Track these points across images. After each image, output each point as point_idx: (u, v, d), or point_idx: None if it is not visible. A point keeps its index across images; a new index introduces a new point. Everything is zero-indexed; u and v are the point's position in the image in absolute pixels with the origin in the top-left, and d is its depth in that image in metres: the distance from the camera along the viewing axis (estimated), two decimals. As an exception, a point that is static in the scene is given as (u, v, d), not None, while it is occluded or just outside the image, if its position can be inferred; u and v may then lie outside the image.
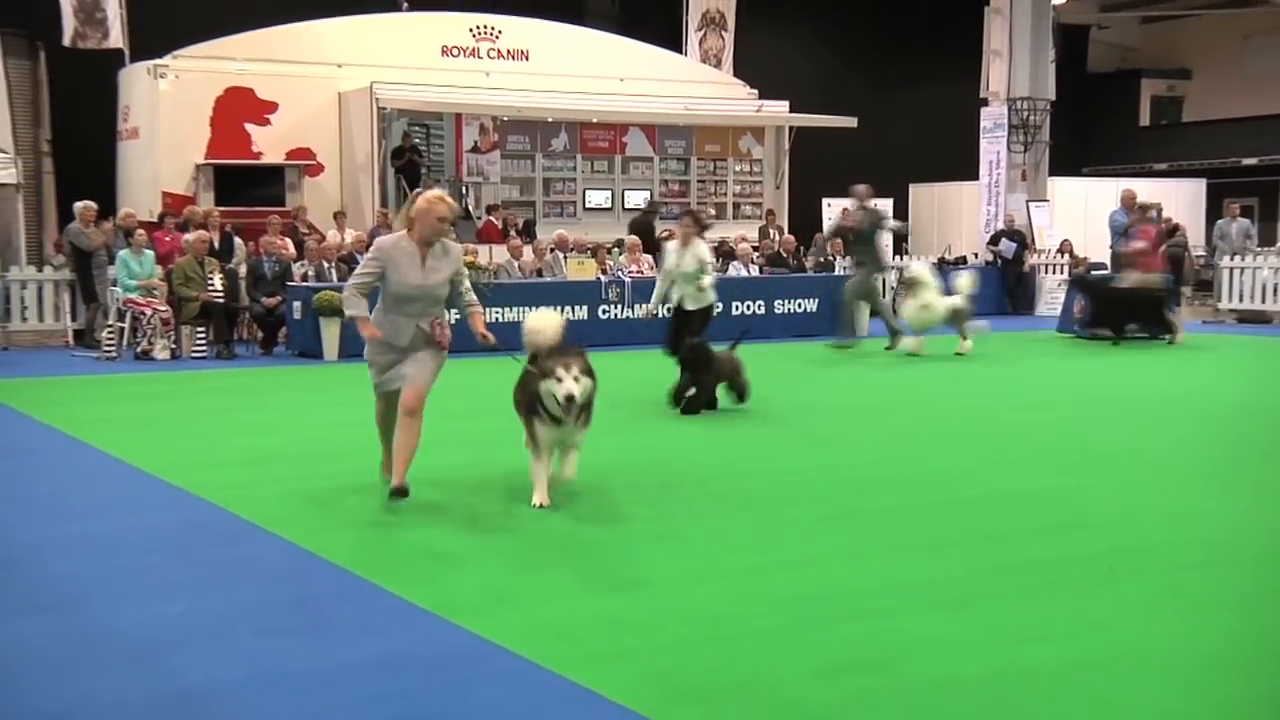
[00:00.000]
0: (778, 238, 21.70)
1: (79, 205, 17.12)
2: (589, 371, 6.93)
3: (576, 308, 16.73)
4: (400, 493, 7.01)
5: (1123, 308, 16.69)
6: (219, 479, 7.91)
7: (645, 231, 19.99)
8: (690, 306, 11.37)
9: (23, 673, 4.58)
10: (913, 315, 15.21)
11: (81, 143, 20.82)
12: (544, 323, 7.26)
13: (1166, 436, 9.77)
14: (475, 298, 7.56)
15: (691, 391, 10.54)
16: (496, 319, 16.17)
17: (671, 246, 11.80)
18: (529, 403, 7.05)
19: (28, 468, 8.60)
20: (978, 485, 7.83)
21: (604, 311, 16.95)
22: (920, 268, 16.18)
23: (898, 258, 22.35)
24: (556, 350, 7.02)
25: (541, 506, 6.93)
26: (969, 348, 15.13)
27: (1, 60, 18.29)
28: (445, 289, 7.23)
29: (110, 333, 15.61)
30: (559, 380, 6.73)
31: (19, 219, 17.94)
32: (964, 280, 15.48)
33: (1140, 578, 5.78)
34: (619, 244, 19.15)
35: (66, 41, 19.79)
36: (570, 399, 6.70)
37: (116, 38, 19.91)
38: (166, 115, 19.40)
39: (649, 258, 18.44)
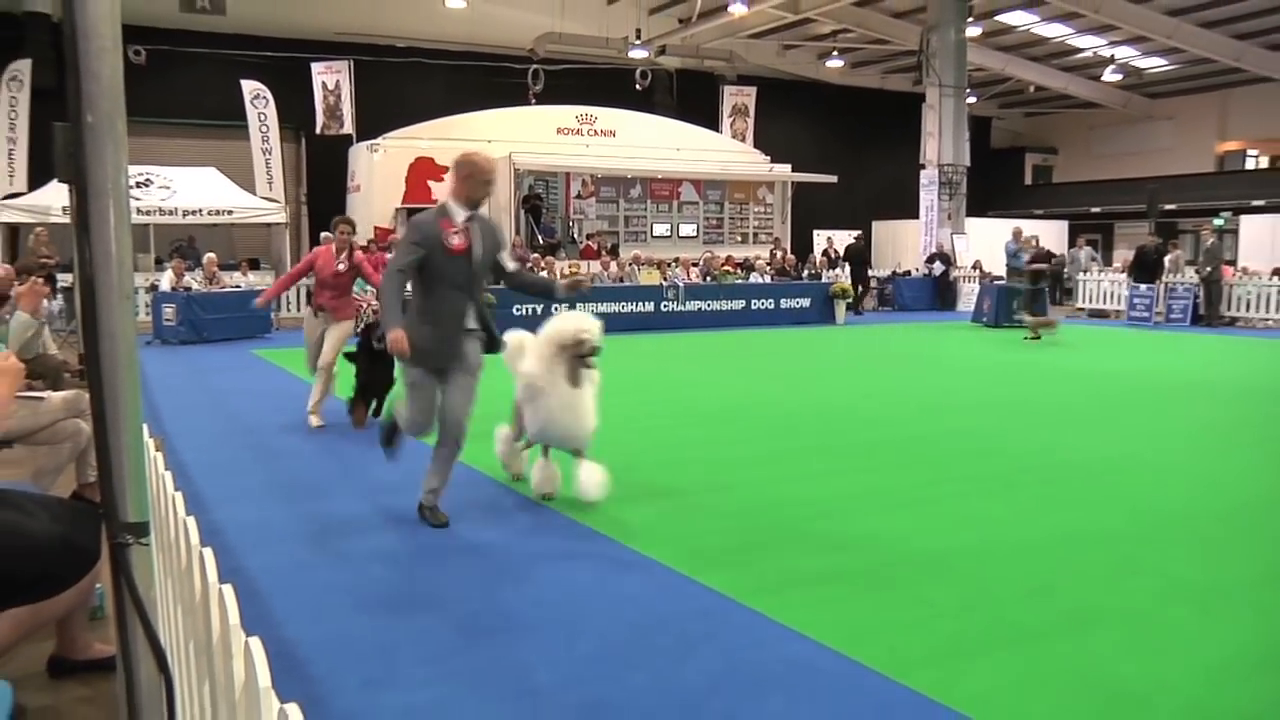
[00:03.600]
0: (782, 256, 21.41)
1: (323, 236, 17.43)
2: None
3: (646, 303, 16.60)
4: None
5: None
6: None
7: (859, 253, 20.95)
8: None
9: (269, 540, 4.61)
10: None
11: (325, 195, 21.31)
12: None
13: (1041, 392, 9.51)
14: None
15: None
16: (592, 311, 16.15)
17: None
18: None
19: (287, 406, 8.65)
20: (909, 427, 7.67)
21: (664, 306, 16.80)
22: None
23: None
24: None
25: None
26: None
27: (279, 144, 18.95)
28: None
29: (341, 319, 15.78)
30: None
31: (286, 247, 18.44)
32: None
33: (1024, 488, 5.62)
34: (676, 260, 18.99)
35: (318, 131, 20.42)
36: None
37: (349, 127, 20.33)
38: (378, 177, 19.56)
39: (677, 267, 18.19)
